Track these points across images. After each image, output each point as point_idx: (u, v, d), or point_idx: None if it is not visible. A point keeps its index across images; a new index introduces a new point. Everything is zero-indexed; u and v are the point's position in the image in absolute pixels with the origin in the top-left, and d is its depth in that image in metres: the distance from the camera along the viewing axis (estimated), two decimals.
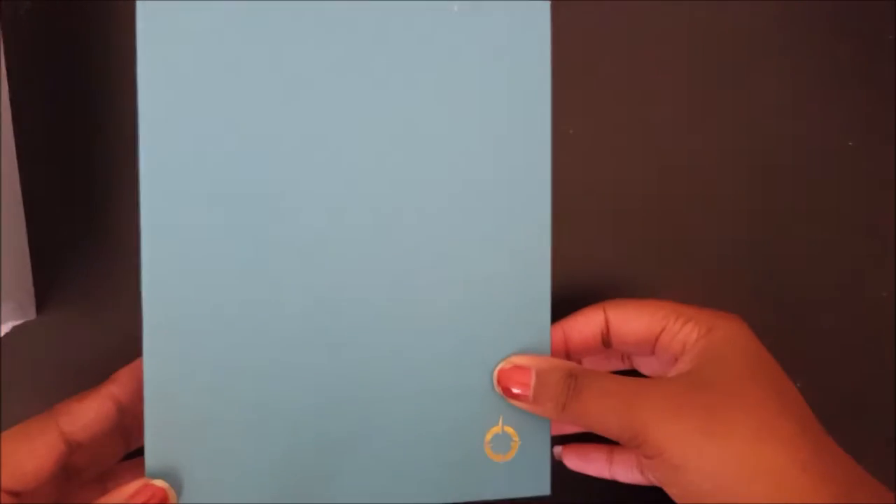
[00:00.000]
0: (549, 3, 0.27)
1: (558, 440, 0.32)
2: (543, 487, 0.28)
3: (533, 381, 0.26)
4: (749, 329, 0.28)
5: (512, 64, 0.27)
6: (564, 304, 0.32)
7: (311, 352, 0.26)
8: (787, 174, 0.35)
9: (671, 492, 0.25)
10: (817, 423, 0.26)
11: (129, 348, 0.30)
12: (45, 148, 0.31)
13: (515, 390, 0.26)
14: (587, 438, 0.32)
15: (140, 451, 0.27)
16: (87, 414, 0.26)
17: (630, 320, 0.28)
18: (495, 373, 0.27)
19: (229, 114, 0.26)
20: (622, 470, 0.30)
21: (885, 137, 0.36)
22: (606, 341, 0.29)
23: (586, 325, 0.29)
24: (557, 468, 0.28)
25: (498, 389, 0.27)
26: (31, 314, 0.30)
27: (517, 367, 0.27)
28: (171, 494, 0.25)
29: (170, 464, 0.25)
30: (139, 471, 0.26)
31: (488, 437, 0.27)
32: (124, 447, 0.29)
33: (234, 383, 0.26)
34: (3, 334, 0.29)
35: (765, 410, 0.25)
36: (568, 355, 0.30)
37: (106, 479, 0.28)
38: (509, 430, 0.27)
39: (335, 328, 0.26)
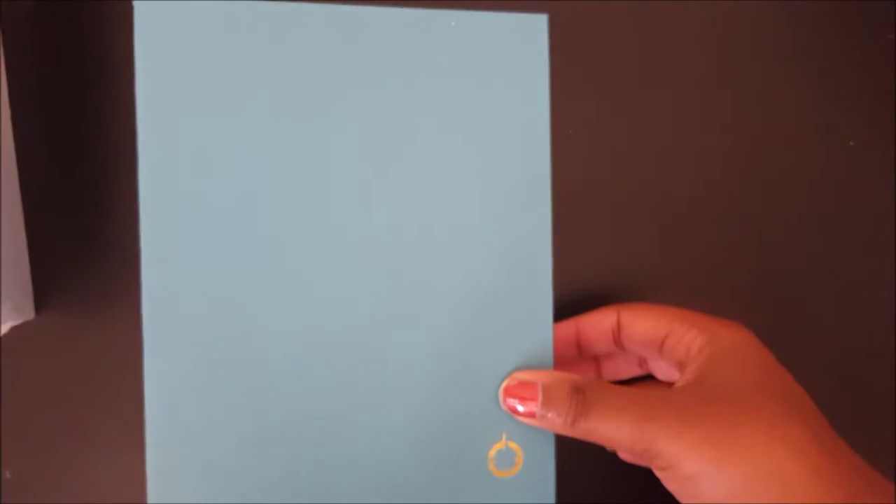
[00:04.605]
0: (546, 17, 0.27)
1: (561, 444, 0.32)
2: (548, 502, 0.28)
3: (540, 397, 0.26)
4: (753, 335, 0.28)
5: (510, 77, 0.27)
6: (565, 309, 0.32)
7: (311, 368, 0.26)
8: (788, 174, 0.35)
9: (685, 502, 0.25)
10: (828, 426, 0.26)
11: (127, 348, 0.30)
12: (45, 148, 0.31)
13: (521, 407, 0.26)
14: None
15: None
16: None
17: (639, 321, 0.30)
18: (501, 391, 0.27)
19: (229, 116, 0.25)
20: None
21: (885, 137, 0.36)
22: (618, 341, 0.30)
23: (600, 322, 0.30)
24: (559, 480, 0.28)
25: (504, 407, 0.27)
26: (30, 314, 0.30)
27: (523, 384, 0.26)
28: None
29: (171, 468, 0.25)
30: None
31: (492, 453, 0.27)
32: None
33: (234, 393, 0.26)
34: (2, 334, 0.29)
35: (773, 417, 0.25)
36: (579, 348, 0.31)
37: None
38: (513, 445, 0.27)
39: (335, 345, 0.26)
